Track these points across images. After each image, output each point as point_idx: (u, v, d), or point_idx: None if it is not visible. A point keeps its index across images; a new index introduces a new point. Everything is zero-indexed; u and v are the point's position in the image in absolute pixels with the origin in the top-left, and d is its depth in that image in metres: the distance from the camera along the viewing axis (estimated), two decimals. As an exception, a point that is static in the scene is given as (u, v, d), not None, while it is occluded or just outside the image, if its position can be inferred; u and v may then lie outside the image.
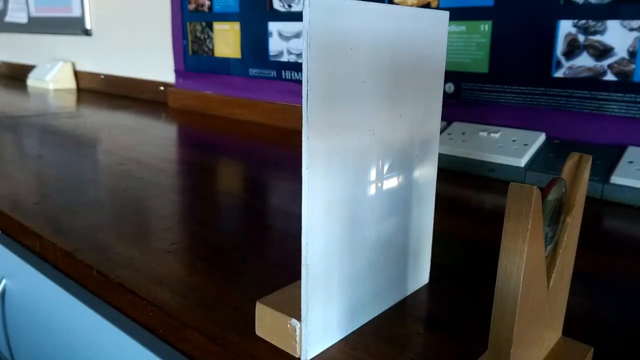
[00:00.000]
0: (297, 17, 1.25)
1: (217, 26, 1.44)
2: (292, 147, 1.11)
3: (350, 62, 0.37)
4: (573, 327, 0.43)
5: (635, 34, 0.80)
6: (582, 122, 0.87)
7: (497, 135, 0.90)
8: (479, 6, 0.94)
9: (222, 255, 0.57)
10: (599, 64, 0.84)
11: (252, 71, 1.38)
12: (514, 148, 0.86)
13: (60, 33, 2.10)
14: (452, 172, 0.90)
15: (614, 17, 0.81)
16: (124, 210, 0.70)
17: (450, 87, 1.01)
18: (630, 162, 0.77)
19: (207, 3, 1.44)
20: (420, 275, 0.51)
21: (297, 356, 0.40)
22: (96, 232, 0.63)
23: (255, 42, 1.35)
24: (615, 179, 0.75)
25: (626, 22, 0.80)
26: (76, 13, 1.97)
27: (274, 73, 1.33)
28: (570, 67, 0.87)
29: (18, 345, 0.79)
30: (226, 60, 1.44)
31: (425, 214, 0.50)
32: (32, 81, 2.12)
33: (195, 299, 0.48)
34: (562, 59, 0.87)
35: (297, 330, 0.39)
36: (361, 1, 0.37)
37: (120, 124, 1.35)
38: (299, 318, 0.39)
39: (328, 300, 0.40)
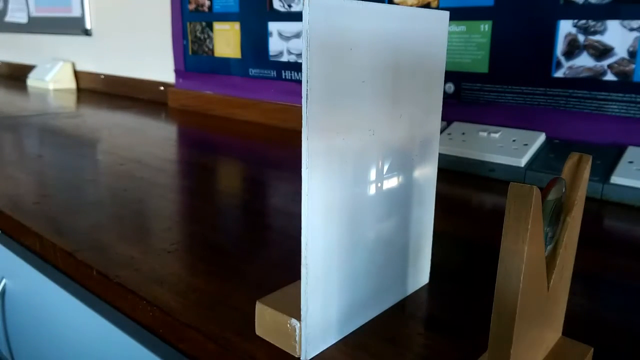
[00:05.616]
0: (297, 17, 1.25)
1: (217, 26, 1.44)
2: (292, 147, 1.11)
3: (350, 62, 0.37)
4: (573, 327, 0.43)
5: (635, 34, 0.80)
6: (582, 122, 0.87)
7: (497, 135, 0.90)
8: (479, 6, 0.94)
9: (222, 255, 0.57)
10: (599, 64, 0.84)
11: (252, 71, 1.38)
12: (514, 148, 0.86)
13: (60, 33, 2.10)
14: (452, 172, 0.90)
15: (614, 17, 0.81)
16: (124, 210, 0.70)
17: (450, 87, 1.01)
18: (630, 162, 0.77)
19: (207, 3, 1.44)
20: (420, 275, 0.51)
21: (297, 356, 0.40)
22: (96, 232, 0.63)
23: (255, 42, 1.35)
24: (615, 179, 0.75)
25: (626, 22, 0.80)
26: (76, 13, 1.97)
27: (274, 73, 1.33)
28: (570, 67, 0.87)
29: (18, 345, 0.79)
30: (226, 60, 1.44)
31: (426, 214, 0.49)
32: (32, 81, 2.12)
33: (195, 299, 0.48)
34: (562, 59, 0.87)
35: (297, 330, 0.39)
36: (361, 1, 0.37)
37: (120, 124, 1.35)
38: (298, 318, 0.39)
39: (328, 300, 0.40)
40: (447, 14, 0.46)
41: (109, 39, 1.89)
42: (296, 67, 1.28)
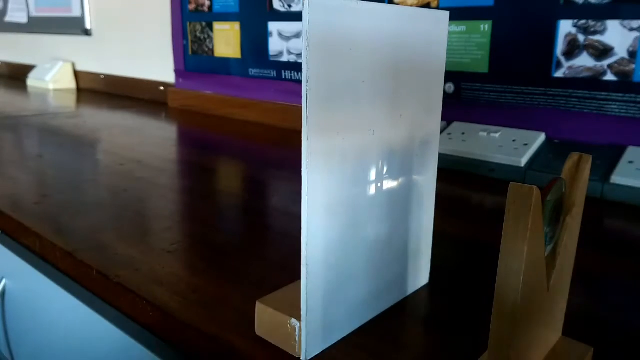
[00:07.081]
0: (297, 17, 1.25)
1: (217, 26, 1.44)
2: (292, 147, 1.11)
3: (350, 62, 0.37)
4: (573, 327, 0.43)
5: (635, 34, 0.80)
6: (582, 122, 0.87)
7: (497, 135, 0.90)
8: (479, 6, 0.94)
9: (222, 255, 0.57)
10: (599, 64, 0.84)
11: (252, 71, 1.38)
12: (514, 148, 0.86)
13: (60, 33, 2.10)
14: (452, 172, 0.90)
15: (614, 17, 0.81)
16: (124, 210, 0.70)
17: (450, 87, 1.01)
18: (630, 162, 0.77)
19: (207, 3, 1.44)
20: (420, 275, 0.51)
21: (297, 356, 0.40)
22: (96, 232, 0.63)
23: (255, 42, 1.35)
24: (615, 179, 0.75)
25: (626, 22, 0.80)
26: (76, 13, 1.97)
27: (274, 73, 1.33)
28: (570, 67, 0.87)
29: (18, 345, 0.79)
30: (226, 60, 1.44)
31: (425, 214, 0.49)
32: (32, 81, 2.12)
33: (195, 299, 0.48)
34: (562, 59, 0.87)
35: (297, 330, 0.39)
36: (361, 1, 0.37)
37: (120, 124, 1.35)
38: (299, 318, 0.39)
39: (328, 300, 0.40)
40: (447, 14, 0.46)
41: (109, 39, 1.89)
42: (296, 67, 1.28)
